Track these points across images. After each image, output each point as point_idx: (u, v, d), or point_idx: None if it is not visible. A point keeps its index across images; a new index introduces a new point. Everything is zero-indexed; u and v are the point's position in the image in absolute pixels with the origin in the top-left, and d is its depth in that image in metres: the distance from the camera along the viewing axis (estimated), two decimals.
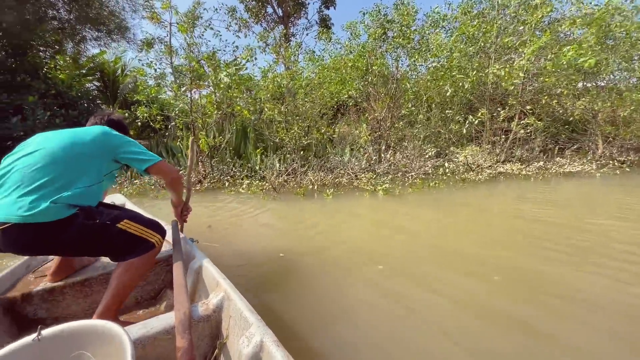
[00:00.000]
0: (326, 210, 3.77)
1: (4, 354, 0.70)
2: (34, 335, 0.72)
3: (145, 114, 6.01)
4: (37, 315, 1.40)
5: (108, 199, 2.45)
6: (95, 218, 1.13)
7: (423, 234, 2.85)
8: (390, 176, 5.28)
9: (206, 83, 6.19)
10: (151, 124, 6.03)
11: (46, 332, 0.74)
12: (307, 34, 24.99)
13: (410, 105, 6.79)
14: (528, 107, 5.71)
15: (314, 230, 3.03)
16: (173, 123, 6.43)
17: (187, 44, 6.15)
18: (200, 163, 6.09)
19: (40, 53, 9.84)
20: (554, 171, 5.52)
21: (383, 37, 6.22)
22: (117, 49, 12.53)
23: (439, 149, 6.48)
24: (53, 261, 1.45)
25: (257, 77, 8.16)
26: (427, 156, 5.85)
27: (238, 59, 9.31)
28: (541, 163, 5.78)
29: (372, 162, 6.02)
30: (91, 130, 1.28)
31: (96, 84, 11.94)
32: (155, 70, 7.98)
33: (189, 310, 0.89)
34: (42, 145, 1.17)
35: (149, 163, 1.33)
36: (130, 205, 2.47)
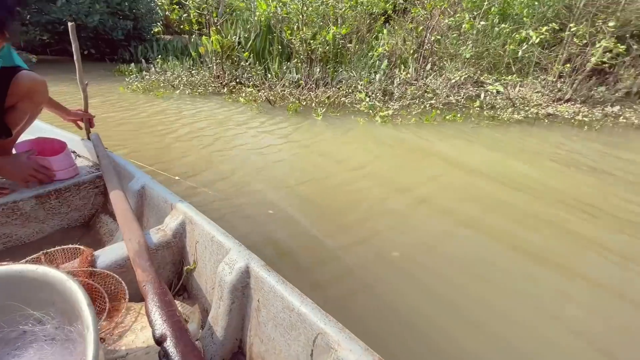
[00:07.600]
0: (305, 131, 3.50)
1: None
2: None
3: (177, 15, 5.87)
4: None
5: None
6: None
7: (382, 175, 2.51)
8: (407, 101, 4.55)
9: None
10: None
11: None
12: None
13: (467, 16, 5.31)
14: (611, 25, 3.93)
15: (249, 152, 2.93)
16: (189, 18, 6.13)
17: None
18: (214, 64, 5.94)
19: None
20: (624, 122, 4.13)
21: None
22: None
23: (480, 75, 5.22)
24: None
25: None
26: (453, 81, 4.78)
27: None
28: (616, 108, 4.33)
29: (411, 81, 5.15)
30: None
31: None
32: None
33: (143, 238, 0.81)
34: None
35: None
36: None
